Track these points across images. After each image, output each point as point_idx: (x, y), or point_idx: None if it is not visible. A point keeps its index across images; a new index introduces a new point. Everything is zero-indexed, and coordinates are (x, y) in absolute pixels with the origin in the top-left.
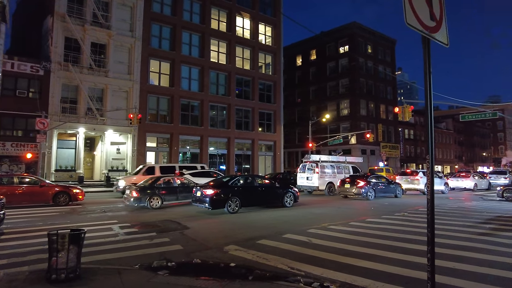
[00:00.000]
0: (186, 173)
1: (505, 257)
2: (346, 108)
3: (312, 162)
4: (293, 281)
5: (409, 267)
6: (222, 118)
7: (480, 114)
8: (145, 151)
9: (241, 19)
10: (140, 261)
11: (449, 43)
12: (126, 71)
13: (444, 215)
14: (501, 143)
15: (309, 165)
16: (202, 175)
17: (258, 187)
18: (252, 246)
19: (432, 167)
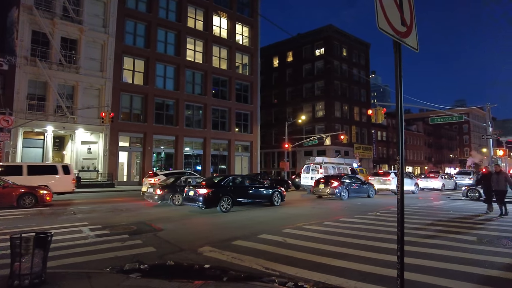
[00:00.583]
0: (159, 174)
1: (468, 253)
2: (321, 110)
3: (316, 163)
4: (268, 281)
5: (381, 265)
6: (198, 118)
7: (447, 117)
8: (117, 151)
9: (218, 19)
10: (111, 264)
11: (419, 48)
12: (98, 68)
13: (414, 214)
14: (466, 145)
15: (313, 166)
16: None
17: (248, 187)
18: (227, 247)
19: (402, 168)
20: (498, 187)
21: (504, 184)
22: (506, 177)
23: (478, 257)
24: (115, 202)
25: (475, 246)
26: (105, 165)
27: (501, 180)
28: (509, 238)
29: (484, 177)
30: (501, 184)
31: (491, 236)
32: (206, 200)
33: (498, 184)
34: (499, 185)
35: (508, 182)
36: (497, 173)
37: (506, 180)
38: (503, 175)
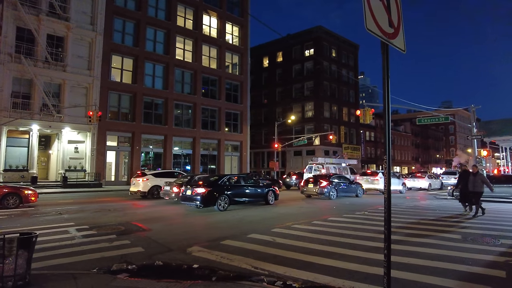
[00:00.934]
0: (148, 173)
1: (453, 251)
2: (311, 110)
3: (318, 163)
4: (257, 280)
5: (368, 264)
6: (187, 117)
7: (434, 118)
8: (105, 150)
9: (208, 18)
10: (98, 265)
11: (406, 49)
12: (86, 66)
13: (401, 213)
14: (452, 146)
15: (316, 166)
16: (165, 176)
17: (244, 186)
18: (216, 246)
19: (389, 168)
20: (474, 188)
21: (480, 185)
22: (483, 178)
23: (462, 254)
24: (102, 202)
25: (460, 244)
26: (93, 165)
27: (477, 181)
28: (491, 236)
29: (461, 177)
30: (478, 185)
31: (475, 234)
32: (204, 199)
33: (475, 185)
34: (475, 187)
35: (485, 183)
36: (474, 174)
37: (482, 181)
38: (479, 176)
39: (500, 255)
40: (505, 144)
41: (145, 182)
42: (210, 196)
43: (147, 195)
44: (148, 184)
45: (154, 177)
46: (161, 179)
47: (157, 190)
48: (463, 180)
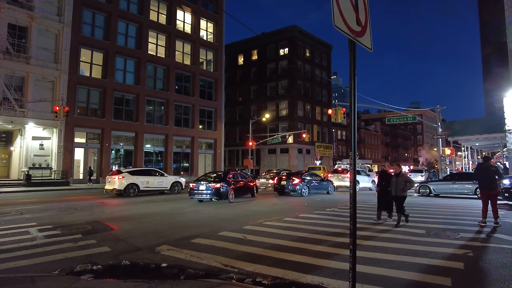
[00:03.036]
0: (124, 171)
1: (417, 245)
2: (285, 109)
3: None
4: (226, 278)
5: (336, 259)
6: (160, 113)
7: (402, 118)
8: (73, 147)
9: (182, 13)
10: (60, 266)
11: (372, 48)
12: (52, 59)
13: (370, 209)
14: (420, 145)
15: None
16: (142, 173)
17: (242, 182)
18: (186, 245)
19: (354, 165)
20: (397, 192)
21: (402, 188)
22: (406, 178)
23: (425, 248)
24: (69, 201)
25: (423, 239)
26: (59, 162)
27: (400, 184)
28: (452, 230)
29: (381, 179)
30: (401, 188)
31: (437, 228)
32: (219, 193)
33: (398, 188)
34: (398, 190)
35: (408, 182)
36: (396, 175)
37: (406, 182)
38: (402, 177)
39: (459, 248)
40: (466, 143)
41: (121, 180)
42: (223, 191)
43: (123, 193)
44: (124, 182)
45: (130, 175)
46: (137, 177)
47: (133, 188)
48: (383, 183)
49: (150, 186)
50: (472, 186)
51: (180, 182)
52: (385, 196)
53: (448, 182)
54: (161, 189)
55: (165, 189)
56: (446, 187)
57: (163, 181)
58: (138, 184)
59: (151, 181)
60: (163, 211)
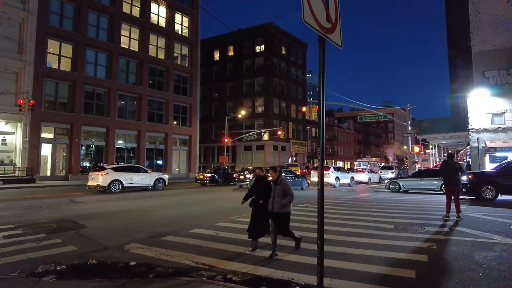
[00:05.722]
0: (107, 167)
1: (385, 239)
2: (261, 106)
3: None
4: (196, 275)
5: (307, 255)
6: (133, 109)
7: (374, 116)
8: (39, 142)
9: (157, 6)
10: (21, 268)
11: (342, 45)
12: (15, 49)
13: (342, 205)
14: (391, 143)
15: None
16: (126, 170)
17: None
18: (156, 243)
19: (322, 161)
20: (273, 207)
21: (279, 202)
22: (286, 189)
23: (393, 242)
24: (34, 199)
25: (392, 233)
26: (25, 158)
27: (279, 195)
28: (419, 224)
29: (255, 188)
30: (277, 202)
31: (405, 223)
32: None
33: (274, 202)
34: (274, 204)
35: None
36: (275, 183)
37: (285, 192)
38: (282, 186)
39: (424, 242)
40: (434, 141)
41: (104, 176)
42: None
43: (107, 189)
44: (107, 179)
45: (114, 171)
46: (121, 174)
47: (117, 184)
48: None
49: (133, 183)
50: (438, 182)
51: (163, 179)
52: (258, 213)
53: (417, 178)
54: (145, 185)
55: (148, 185)
56: (414, 183)
57: (146, 178)
58: (121, 180)
59: (135, 178)
60: (135, 208)
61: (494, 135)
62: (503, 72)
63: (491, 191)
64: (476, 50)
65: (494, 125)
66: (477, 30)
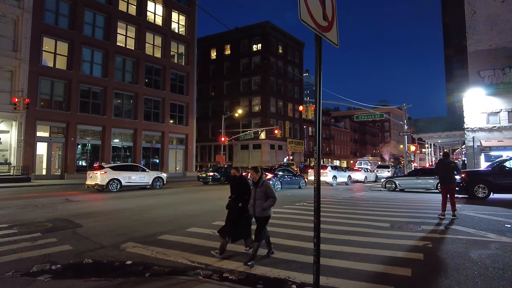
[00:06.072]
0: (106, 166)
1: (381, 238)
2: (258, 105)
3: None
4: (193, 274)
5: (304, 253)
6: (129, 107)
7: (370, 115)
8: (35, 141)
9: (153, 4)
10: (15, 268)
11: (339, 44)
12: (10, 47)
13: (339, 204)
14: (387, 142)
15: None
16: (125, 169)
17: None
18: (152, 242)
19: (319, 159)
20: (255, 211)
21: (261, 205)
22: (268, 191)
23: (389, 241)
24: (29, 198)
25: (388, 232)
26: (20, 157)
27: (261, 197)
28: (414, 223)
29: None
30: (258, 205)
31: (401, 222)
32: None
33: (255, 205)
34: (255, 207)
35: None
36: (256, 185)
37: (267, 195)
38: (263, 188)
39: (420, 240)
40: (430, 140)
41: (103, 175)
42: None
43: (105, 188)
44: (106, 178)
45: (113, 170)
46: (120, 172)
47: (115, 183)
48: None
49: (132, 182)
50: (434, 181)
51: (161, 178)
52: (234, 217)
53: (413, 177)
54: (143, 184)
55: (147, 184)
56: (410, 182)
57: (145, 177)
58: (120, 179)
59: (133, 177)
60: (132, 207)
61: (489, 134)
62: (499, 71)
63: (483, 189)
64: (472, 49)
65: (489, 124)
66: (472, 30)
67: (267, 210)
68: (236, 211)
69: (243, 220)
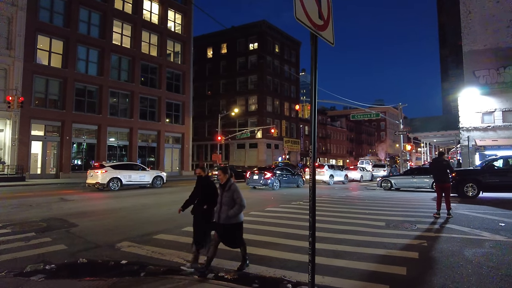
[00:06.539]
0: (106, 165)
1: (376, 236)
2: (254, 104)
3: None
4: (188, 274)
5: (300, 252)
6: (124, 106)
7: (366, 114)
8: (29, 140)
9: (149, 3)
10: (8, 267)
11: (334, 43)
12: (4, 45)
13: (334, 203)
14: (383, 141)
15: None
16: (125, 168)
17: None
18: (148, 241)
19: (314, 158)
20: (220, 217)
21: (226, 211)
22: (235, 195)
23: (384, 240)
24: (24, 197)
25: (383, 230)
26: (14, 156)
27: (228, 202)
28: (410, 222)
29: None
30: (224, 211)
31: (396, 221)
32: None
33: (220, 211)
34: (220, 214)
35: (237, 209)
36: (223, 187)
37: (235, 200)
38: (231, 192)
39: (415, 239)
40: (425, 139)
41: (104, 174)
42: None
43: (106, 187)
44: (106, 176)
45: (113, 169)
46: (120, 171)
47: (116, 182)
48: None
49: (132, 180)
50: (429, 180)
51: (161, 177)
52: (201, 223)
53: (408, 176)
54: (143, 183)
55: (147, 183)
56: (406, 181)
57: (145, 176)
58: (120, 178)
59: (134, 176)
60: (129, 206)
61: (484, 133)
62: (493, 71)
63: (473, 188)
64: (467, 49)
65: (484, 124)
66: (468, 30)
67: (234, 217)
68: (204, 216)
69: (211, 225)
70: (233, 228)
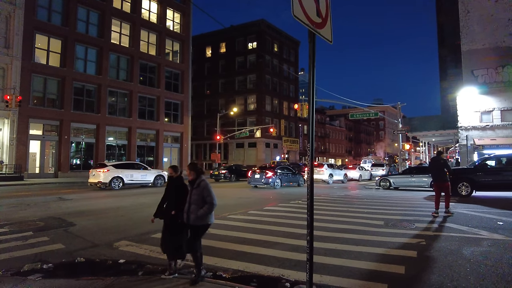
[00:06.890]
0: (108, 164)
1: (375, 235)
2: (253, 103)
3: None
4: (186, 273)
5: (298, 251)
6: (123, 105)
7: (365, 114)
8: (27, 139)
9: (148, 2)
10: (5, 267)
11: (332, 40)
12: (2, 44)
13: (333, 202)
14: (382, 140)
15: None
16: (127, 167)
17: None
18: (146, 240)
19: (312, 157)
20: (189, 218)
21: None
22: (206, 192)
23: (383, 239)
24: (22, 197)
25: (382, 229)
26: (12, 156)
27: (198, 201)
28: (408, 220)
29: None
30: (194, 210)
31: (395, 219)
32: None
33: (189, 210)
34: (189, 213)
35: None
36: (192, 184)
37: (204, 200)
38: (200, 189)
39: (414, 238)
40: (424, 138)
41: (106, 173)
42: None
43: (108, 186)
44: (108, 176)
45: (115, 168)
46: (122, 171)
47: (118, 181)
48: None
49: (134, 180)
50: (428, 179)
51: (163, 176)
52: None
53: (407, 175)
54: (145, 182)
55: (148, 182)
56: (404, 180)
57: (146, 175)
58: (122, 177)
59: (135, 175)
60: (128, 205)
61: (483, 132)
62: (492, 70)
63: (466, 187)
64: (465, 49)
65: (483, 123)
66: (466, 29)
67: (205, 218)
68: (174, 222)
69: (180, 237)
70: (199, 230)
